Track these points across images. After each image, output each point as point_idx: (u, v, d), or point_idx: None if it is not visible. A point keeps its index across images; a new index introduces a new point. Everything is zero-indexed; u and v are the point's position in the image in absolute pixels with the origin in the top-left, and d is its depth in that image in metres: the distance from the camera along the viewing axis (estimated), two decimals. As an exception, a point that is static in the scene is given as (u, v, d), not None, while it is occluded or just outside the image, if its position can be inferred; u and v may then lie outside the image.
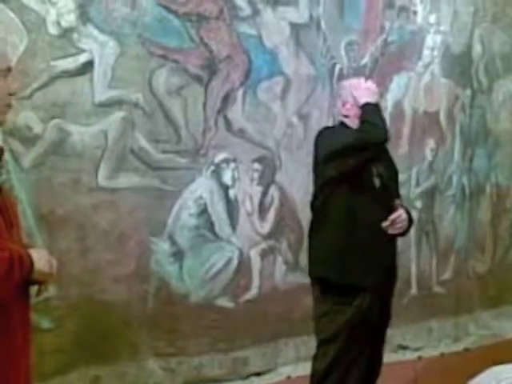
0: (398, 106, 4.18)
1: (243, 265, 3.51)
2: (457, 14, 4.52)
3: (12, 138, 2.69)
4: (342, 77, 3.85)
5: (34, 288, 1.82)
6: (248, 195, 3.53)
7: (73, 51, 2.86)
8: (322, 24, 3.76)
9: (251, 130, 3.50)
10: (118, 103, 3.01)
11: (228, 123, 3.40)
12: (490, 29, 4.78)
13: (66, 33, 2.83)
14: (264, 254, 3.62)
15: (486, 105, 4.83)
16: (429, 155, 4.47)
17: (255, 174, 3.55)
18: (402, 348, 4.29)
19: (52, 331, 2.82)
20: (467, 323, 4.74)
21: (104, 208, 2.98)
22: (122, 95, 3.01)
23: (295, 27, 3.65)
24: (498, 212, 4.98)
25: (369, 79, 3.09)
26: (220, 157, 3.39)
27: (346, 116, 2.91)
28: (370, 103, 2.82)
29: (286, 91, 3.62)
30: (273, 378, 3.64)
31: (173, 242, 3.24)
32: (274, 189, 3.63)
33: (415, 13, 4.27)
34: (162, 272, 3.21)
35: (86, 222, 2.93)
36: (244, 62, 3.43)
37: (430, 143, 4.47)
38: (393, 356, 3.98)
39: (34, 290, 1.83)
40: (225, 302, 3.44)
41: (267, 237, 3.63)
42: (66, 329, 2.86)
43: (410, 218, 2.93)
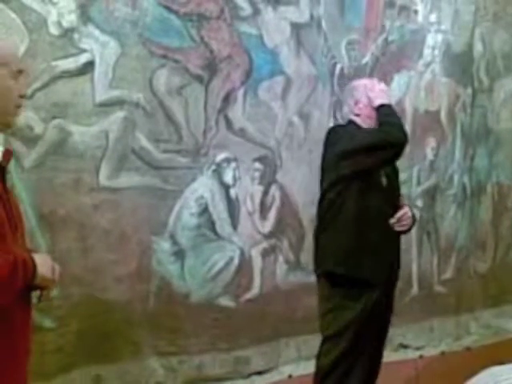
0: (398, 105, 4.17)
1: (244, 264, 3.51)
2: (458, 13, 4.52)
3: (13, 138, 2.70)
4: (343, 76, 3.86)
5: (36, 293, 1.82)
6: (249, 194, 3.54)
7: (74, 51, 2.86)
8: (323, 23, 3.76)
9: (252, 129, 3.50)
10: (118, 103, 3.01)
11: (229, 123, 3.40)
12: (491, 28, 4.78)
13: (66, 33, 2.83)
14: (265, 254, 3.62)
15: (487, 104, 4.83)
16: (430, 154, 4.47)
17: (256, 174, 3.55)
18: (404, 347, 4.30)
19: (54, 330, 2.82)
20: (468, 322, 4.75)
21: (105, 208, 2.98)
22: (122, 95, 3.02)
23: (296, 27, 3.65)
24: (499, 211, 4.98)
25: (377, 80, 3.14)
26: (221, 156, 3.39)
27: (357, 115, 2.95)
28: (386, 105, 2.88)
29: (286, 91, 3.63)
30: (274, 377, 3.64)
31: (174, 242, 3.25)
32: (275, 188, 3.64)
33: (416, 12, 4.27)
34: (163, 271, 3.21)
35: (87, 222, 2.93)
36: (245, 62, 3.43)
37: (431, 142, 4.47)
38: (394, 355, 3.99)
39: (35, 295, 1.83)
40: (226, 301, 3.45)
41: (268, 236, 3.63)
42: (67, 328, 2.87)
43: (413, 216, 3.01)
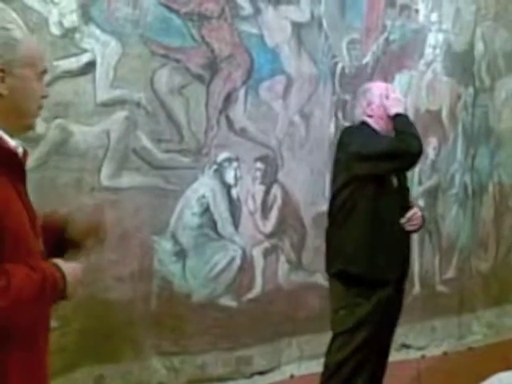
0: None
1: (246, 264, 3.51)
2: (459, 12, 4.52)
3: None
4: (344, 76, 3.86)
5: None
6: (250, 194, 3.54)
7: (75, 51, 2.86)
8: (324, 23, 3.76)
9: (253, 129, 3.50)
10: (120, 103, 3.01)
11: (230, 122, 3.40)
12: (492, 27, 4.77)
13: (68, 33, 2.83)
14: (267, 253, 3.62)
15: (488, 103, 4.82)
16: (431, 154, 4.47)
17: (257, 173, 3.55)
18: (406, 347, 4.29)
19: (56, 330, 2.81)
20: (470, 322, 4.74)
21: (106, 207, 2.98)
22: (124, 95, 3.02)
23: (297, 26, 3.65)
24: (500, 211, 4.98)
25: (391, 87, 3.24)
26: (222, 156, 3.39)
27: (369, 116, 3.00)
28: (402, 114, 2.97)
29: (287, 90, 3.62)
30: (276, 377, 3.64)
31: (175, 242, 3.25)
32: (277, 188, 3.64)
33: (417, 11, 4.27)
34: (164, 271, 3.21)
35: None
36: (246, 61, 3.43)
37: (433, 142, 4.47)
38: (396, 355, 3.97)
39: None
40: (228, 301, 3.44)
41: (270, 236, 3.63)
42: (69, 328, 2.86)
43: (422, 216, 3.10)
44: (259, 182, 3.56)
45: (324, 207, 3.34)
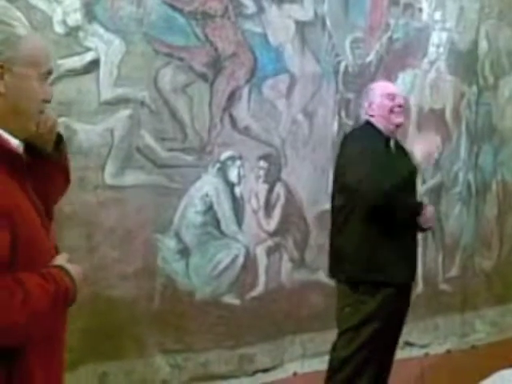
0: (403, 103, 4.18)
1: (249, 262, 3.52)
2: (462, 10, 4.51)
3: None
4: (348, 74, 3.86)
5: None
6: (254, 192, 3.54)
7: (79, 50, 2.87)
8: (327, 21, 3.76)
9: (256, 127, 3.51)
10: (123, 101, 3.02)
11: (233, 121, 3.41)
12: (496, 25, 4.77)
13: (71, 31, 2.84)
14: (270, 252, 3.62)
15: (491, 102, 4.82)
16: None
17: (261, 172, 3.55)
18: (409, 345, 4.29)
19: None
20: (473, 320, 4.74)
21: (110, 206, 2.99)
22: (127, 93, 3.02)
23: (300, 25, 3.65)
24: (504, 209, 4.97)
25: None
26: (226, 154, 3.40)
27: (371, 115, 3.04)
28: None
29: (291, 89, 3.63)
30: (279, 375, 3.65)
31: (179, 240, 3.25)
32: (280, 186, 3.64)
33: (420, 10, 4.27)
34: (168, 269, 3.22)
35: (92, 220, 2.94)
36: (249, 60, 3.44)
37: (436, 140, 4.47)
38: (399, 353, 3.96)
39: None
40: (231, 299, 3.45)
41: (273, 234, 3.63)
42: (73, 326, 2.85)
43: None
44: (262, 180, 3.57)
45: (327, 205, 3.36)
